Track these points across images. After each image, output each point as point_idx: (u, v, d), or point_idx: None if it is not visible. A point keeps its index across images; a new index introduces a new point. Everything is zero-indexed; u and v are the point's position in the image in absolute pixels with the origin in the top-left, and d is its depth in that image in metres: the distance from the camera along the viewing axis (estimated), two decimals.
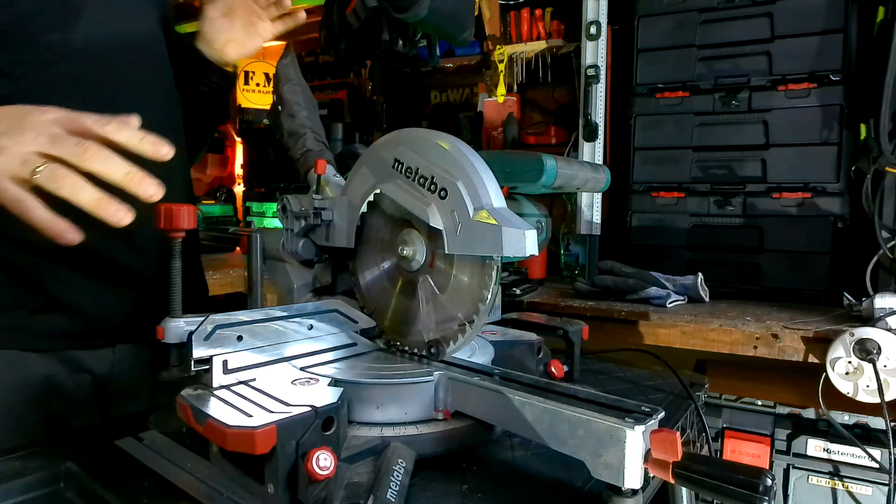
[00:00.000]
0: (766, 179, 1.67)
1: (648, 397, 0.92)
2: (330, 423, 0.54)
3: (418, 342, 0.73)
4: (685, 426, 0.88)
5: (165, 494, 0.59)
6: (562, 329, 0.92)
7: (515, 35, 2.17)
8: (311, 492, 0.51)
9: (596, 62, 1.89)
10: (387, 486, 0.53)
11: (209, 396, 0.58)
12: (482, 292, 0.66)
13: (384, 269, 0.78)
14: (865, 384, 1.23)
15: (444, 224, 0.65)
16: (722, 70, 1.71)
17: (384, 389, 0.65)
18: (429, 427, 0.65)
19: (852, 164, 1.58)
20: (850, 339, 1.23)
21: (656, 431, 0.51)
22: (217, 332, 0.63)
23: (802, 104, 1.62)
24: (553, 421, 0.56)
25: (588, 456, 0.53)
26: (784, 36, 1.63)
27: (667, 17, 1.77)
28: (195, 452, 0.64)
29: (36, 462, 0.65)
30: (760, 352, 1.35)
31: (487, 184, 0.63)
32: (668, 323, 1.45)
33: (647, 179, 1.83)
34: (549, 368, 0.87)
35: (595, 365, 1.09)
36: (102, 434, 0.72)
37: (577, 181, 0.92)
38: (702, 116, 1.74)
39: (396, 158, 0.71)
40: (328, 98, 2.72)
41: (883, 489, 1.28)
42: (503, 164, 0.83)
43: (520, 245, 0.60)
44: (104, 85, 0.85)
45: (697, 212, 1.76)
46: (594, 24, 1.87)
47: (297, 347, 0.71)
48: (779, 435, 1.41)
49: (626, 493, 0.52)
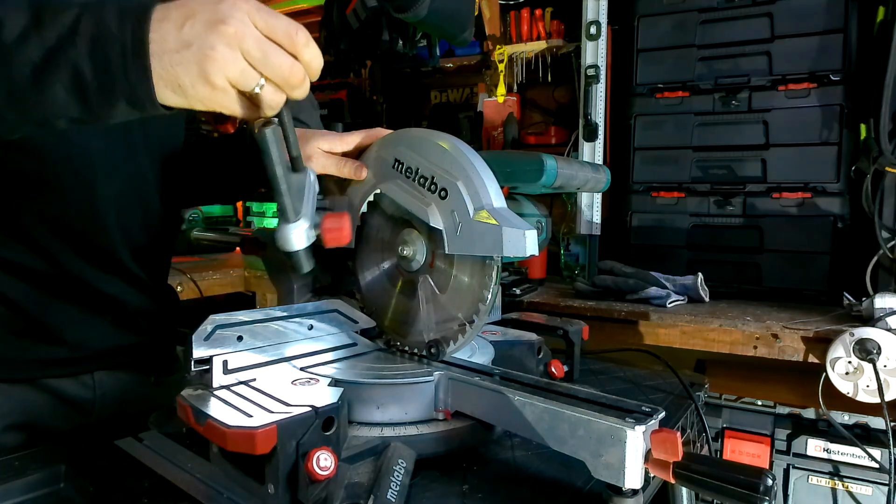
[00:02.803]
0: (766, 179, 1.67)
1: (648, 397, 0.92)
2: (330, 423, 0.54)
3: (418, 342, 0.73)
4: (685, 426, 0.88)
5: (165, 494, 0.59)
6: (562, 329, 0.92)
7: (515, 35, 2.17)
8: (311, 492, 0.51)
9: (596, 62, 1.89)
10: (387, 487, 0.53)
11: (209, 396, 0.58)
12: (482, 292, 0.66)
13: (384, 269, 0.78)
14: (865, 384, 1.23)
15: (444, 224, 0.65)
16: (722, 70, 1.71)
17: (384, 389, 0.65)
18: (429, 427, 0.65)
19: (852, 164, 1.58)
20: (850, 339, 1.23)
21: (657, 431, 0.51)
22: (217, 333, 0.63)
23: (802, 104, 1.62)
24: (553, 421, 0.56)
25: (588, 456, 0.53)
26: (784, 36, 1.63)
27: (667, 17, 1.77)
28: (195, 452, 0.64)
29: (36, 462, 0.65)
30: (760, 352, 1.35)
31: (487, 184, 0.63)
32: (668, 323, 1.45)
33: (647, 179, 1.83)
34: (549, 368, 0.87)
35: (595, 365, 1.09)
36: (102, 434, 0.72)
37: (578, 181, 0.92)
38: (702, 116, 1.74)
39: (397, 158, 0.71)
40: (328, 98, 2.72)
41: (883, 489, 1.28)
42: (503, 164, 0.83)
43: (520, 245, 0.60)
44: None
45: (697, 212, 1.76)
46: (594, 24, 1.87)
47: (297, 347, 0.71)
48: (779, 435, 1.41)
49: (627, 493, 0.52)
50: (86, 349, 0.85)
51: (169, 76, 0.52)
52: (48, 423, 0.83)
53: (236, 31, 0.52)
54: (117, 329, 0.88)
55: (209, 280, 1.96)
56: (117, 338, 0.88)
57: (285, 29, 0.54)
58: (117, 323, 0.88)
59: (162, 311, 0.97)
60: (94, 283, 0.84)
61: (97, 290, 0.85)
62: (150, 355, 0.94)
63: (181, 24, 0.51)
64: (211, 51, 0.51)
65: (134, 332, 0.90)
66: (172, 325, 1.01)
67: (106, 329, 0.87)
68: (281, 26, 0.54)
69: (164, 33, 0.51)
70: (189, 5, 0.52)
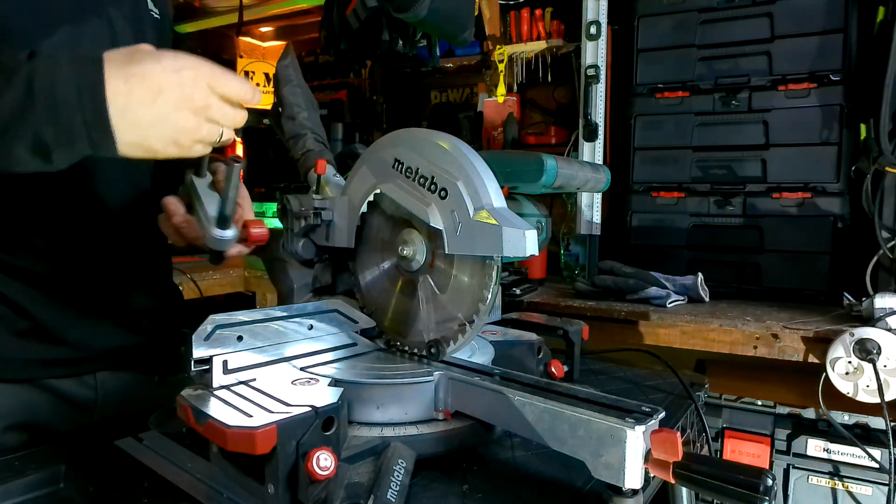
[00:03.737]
0: (766, 179, 1.67)
1: (648, 397, 0.92)
2: (330, 423, 0.54)
3: (418, 342, 0.73)
4: (685, 426, 0.88)
5: (165, 494, 0.59)
6: (562, 329, 0.92)
7: (515, 35, 2.17)
8: (311, 492, 0.51)
9: (596, 62, 1.88)
10: (387, 486, 0.53)
11: (209, 396, 0.58)
12: (482, 292, 0.66)
13: (384, 269, 0.78)
14: (865, 384, 1.23)
15: (444, 224, 0.65)
16: (722, 70, 1.71)
17: (384, 389, 0.65)
18: (429, 427, 0.65)
19: (852, 164, 1.58)
20: (850, 339, 1.23)
21: (657, 431, 0.51)
22: (217, 332, 0.63)
23: (802, 104, 1.62)
24: (553, 421, 0.56)
25: (588, 456, 0.53)
26: (784, 36, 1.63)
27: (667, 17, 1.77)
28: (195, 452, 0.64)
29: (36, 462, 0.65)
30: (760, 352, 1.35)
31: (487, 184, 0.63)
32: (668, 323, 1.45)
33: (647, 179, 1.83)
34: (549, 368, 0.87)
35: (595, 365, 1.09)
36: (102, 434, 0.72)
37: (578, 181, 0.92)
38: (702, 116, 1.74)
39: (396, 158, 0.71)
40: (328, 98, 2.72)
41: (883, 489, 1.28)
42: (503, 164, 0.83)
43: (520, 245, 0.60)
44: None
45: (697, 212, 1.76)
46: (594, 24, 1.87)
47: (297, 347, 0.71)
48: (779, 435, 1.41)
49: (627, 493, 0.52)
50: (87, 349, 0.85)
51: (141, 143, 0.59)
52: (49, 423, 0.83)
53: (203, 105, 0.60)
54: (119, 329, 0.88)
55: (209, 280, 1.96)
56: (119, 338, 0.88)
57: (236, 91, 0.63)
58: (119, 323, 0.88)
59: (165, 311, 0.97)
60: (94, 284, 0.84)
61: (98, 290, 0.85)
62: (153, 355, 0.94)
63: (152, 99, 0.57)
64: (184, 123, 0.59)
65: (136, 331, 0.90)
66: (177, 325, 1.01)
67: (107, 329, 0.87)
68: (233, 89, 0.62)
69: (135, 109, 0.57)
70: (153, 79, 0.57)
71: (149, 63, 0.57)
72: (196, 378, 0.62)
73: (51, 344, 0.82)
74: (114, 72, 0.56)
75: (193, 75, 0.59)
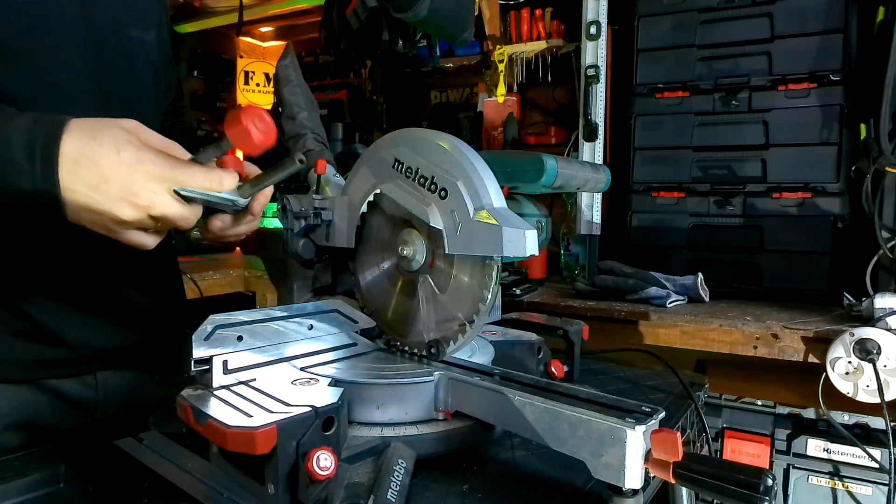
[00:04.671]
0: (766, 179, 1.67)
1: (648, 397, 0.92)
2: (330, 423, 0.54)
3: (418, 342, 0.73)
4: (685, 426, 0.88)
5: (165, 494, 0.59)
6: (562, 329, 0.92)
7: (515, 35, 2.17)
8: (311, 492, 0.51)
9: (596, 62, 1.89)
10: (387, 487, 0.53)
11: (209, 396, 0.58)
12: (482, 292, 0.66)
13: (384, 269, 0.78)
14: (865, 384, 1.23)
15: (444, 224, 0.65)
16: (722, 70, 1.71)
17: (384, 389, 0.65)
18: (429, 427, 0.65)
19: (852, 164, 1.58)
20: (850, 339, 1.23)
21: (657, 431, 0.51)
22: (217, 332, 0.63)
23: (802, 104, 1.62)
24: (553, 421, 0.56)
25: (588, 456, 0.53)
26: (784, 36, 1.63)
27: (667, 17, 1.77)
28: (195, 452, 0.64)
29: (36, 462, 0.65)
30: (760, 352, 1.35)
31: (487, 184, 0.63)
32: (668, 323, 1.45)
33: (647, 179, 1.83)
34: (549, 368, 0.87)
35: (595, 365, 1.09)
36: (102, 434, 0.72)
37: (578, 181, 0.92)
38: (702, 116, 1.74)
39: (396, 158, 0.71)
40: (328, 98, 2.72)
41: (883, 489, 1.28)
42: (503, 164, 0.83)
43: (520, 245, 0.59)
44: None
45: (697, 212, 1.76)
46: (594, 24, 1.87)
47: (297, 347, 0.71)
48: (779, 435, 1.41)
49: (627, 493, 0.52)
50: (87, 349, 0.85)
51: (75, 218, 0.62)
52: (49, 423, 0.83)
53: (146, 204, 0.62)
54: (119, 328, 0.88)
55: (209, 280, 1.96)
56: (120, 337, 0.88)
57: (200, 184, 0.65)
58: (119, 322, 0.88)
59: (167, 310, 0.96)
60: (94, 283, 0.84)
61: (98, 289, 0.85)
62: (155, 354, 0.94)
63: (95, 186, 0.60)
64: (121, 214, 0.61)
65: (137, 331, 0.90)
66: (179, 324, 1.00)
67: (108, 329, 0.86)
68: (196, 182, 0.65)
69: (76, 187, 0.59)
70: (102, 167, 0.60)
71: (105, 149, 0.60)
72: (196, 378, 0.62)
73: (50, 344, 0.81)
74: (69, 145, 0.59)
75: (146, 172, 0.61)
